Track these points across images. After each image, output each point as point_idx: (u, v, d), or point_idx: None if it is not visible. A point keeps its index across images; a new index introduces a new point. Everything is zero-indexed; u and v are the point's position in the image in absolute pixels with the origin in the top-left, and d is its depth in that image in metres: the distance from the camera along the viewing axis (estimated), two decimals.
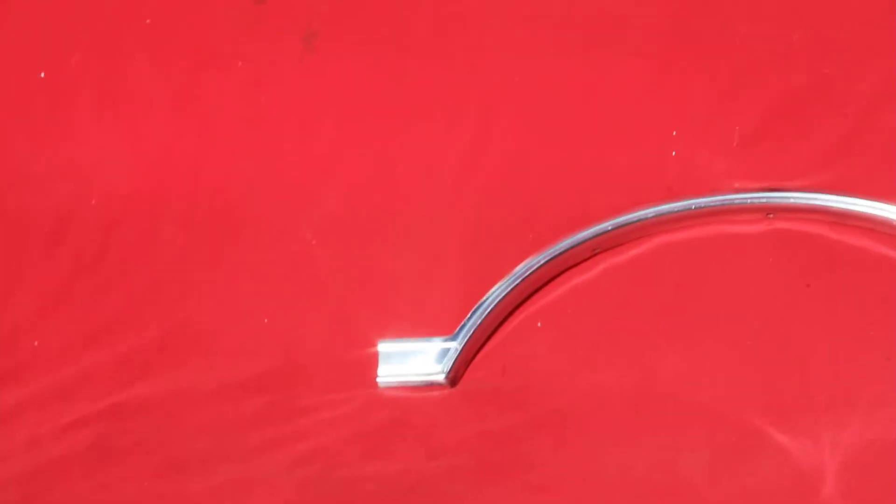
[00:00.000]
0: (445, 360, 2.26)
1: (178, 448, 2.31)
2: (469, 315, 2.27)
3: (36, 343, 2.47)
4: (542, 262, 2.28)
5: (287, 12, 2.57)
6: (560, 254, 2.28)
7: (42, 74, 2.66)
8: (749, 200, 2.29)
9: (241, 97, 2.57)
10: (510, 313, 2.34)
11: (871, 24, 2.45)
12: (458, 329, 2.28)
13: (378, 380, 2.30)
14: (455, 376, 2.28)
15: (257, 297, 2.43)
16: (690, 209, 2.29)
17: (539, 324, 2.32)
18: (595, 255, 2.34)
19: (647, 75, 2.46)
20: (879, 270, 2.28)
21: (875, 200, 2.26)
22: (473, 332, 2.28)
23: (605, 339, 2.30)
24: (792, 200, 2.29)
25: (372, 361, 2.31)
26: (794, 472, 2.17)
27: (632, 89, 2.46)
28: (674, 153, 2.40)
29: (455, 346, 2.26)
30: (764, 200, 2.29)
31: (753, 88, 2.42)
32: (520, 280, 2.27)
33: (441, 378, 2.27)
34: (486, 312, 2.27)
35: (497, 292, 2.27)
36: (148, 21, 2.64)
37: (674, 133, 2.41)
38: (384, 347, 2.31)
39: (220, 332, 2.41)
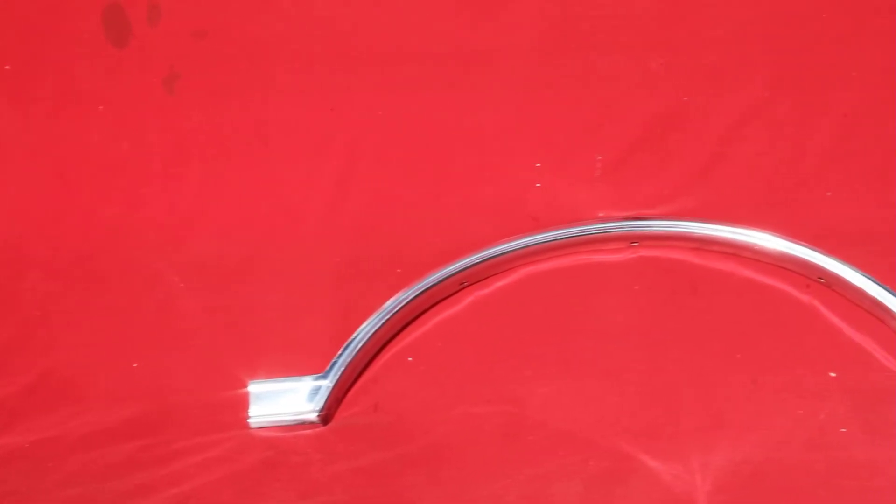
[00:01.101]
0: (317, 398, 2.25)
1: (48, 498, 2.27)
2: (340, 352, 2.27)
3: None
4: (411, 297, 2.28)
5: (148, 55, 2.55)
6: (428, 288, 2.29)
7: None
8: (613, 229, 2.31)
9: (103, 141, 2.55)
10: (381, 349, 2.34)
11: (728, 51, 2.48)
12: (329, 367, 2.27)
13: (250, 420, 2.28)
14: (327, 414, 2.27)
15: (125, 342, 2.40)
16: (555, 240, 2.28)
17: (410, 359, 2.32)
18: (463, 288, 2.35)
19: (510, 108, 2.48)
20: (743, 294, 2.32)
21: (736, 226, 2.27)
22: (344, 369, 2.27)
23: (476, 372, 2.30)
24: (655, 228, 2.32)
25: (243, 402, 2.29)
26: (665, 496, 2.18)
27: (495, 122, 2.48)
28: (538, 185, 2.41)
29: (326, 383, 2.25)
30: (627, 229, 2.32)
31: (614, 119, 2.44)
32: (389, 315, 2.26)
33: (313, 416, 2.26)
34: (357, 349, 2.26)
35: (367, 328, 2.26)
36: (7, 67, 2.59)
37: (537, 165, 2.42)
38: (255, 388, 2.29)
39: (89, 379, 2.38)
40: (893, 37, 2.43)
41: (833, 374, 2.23)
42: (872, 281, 2.21)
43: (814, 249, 2.25)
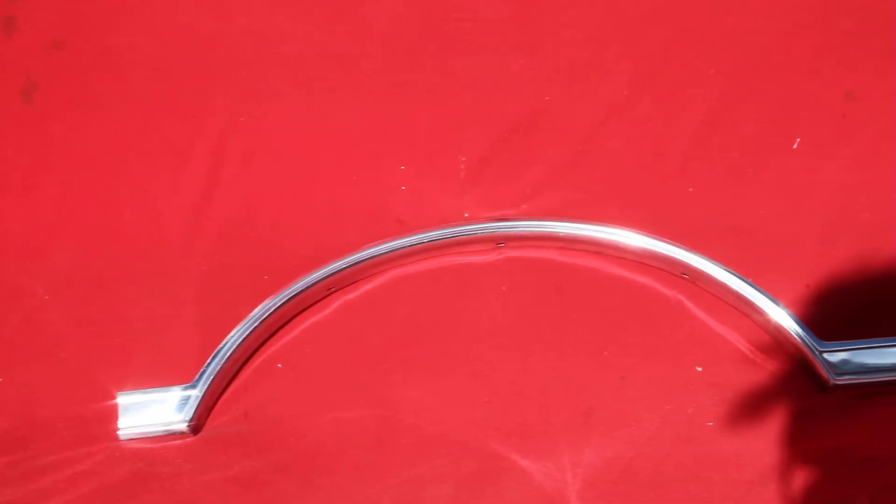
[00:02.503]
0: (187, 407, 2.23)
1: None
2: (208, 361, 2.26)
3: None
4: (279, 303, 2.27)
5: (4, 66, 2.51)
6: (296, 294, 2.28)
7: None
8: (479, 231, 2.32)
9: None
10: (250, 357, 2.33)
11: (588, 52, 2.51)
12: (197, 376, 2.26)
13: (119, 433, 2.26)
14: (197, 424, 2.26)
15: None
16: (422, 242, 2.28)
17: (279, 365, 2.31)
18: (331, 293, 2.35)
19: (372, 112, 2.48)
20: (609, 292, 2.35)
21: (601, 224, 2.29)
22: (214, 378, 2.25)
23: (346, 377, 2.30)
24: (520, 229, 2.33)
25: (112, 414, 2.27)
26: (538, 494, 2.21)
27: (357, 126, 2.47)
28: (403, 188, 2.41)
29: (196, 393, 2.24)
30: (493, 230, 2.33)
31: (477, 120, 2.45)
32: (257, 323, 2.26)
33: (183, 426, 2.24)
34: (226, 357, 2.25)
35: (235, 336, 2.25)
36: None
37: (402, 168, 2.42)
38: (124, 399, 2.27)
39: None
40: (747, 35, 2.46)
41: (699, 369, 2.25)
42: (735, 276, 2.25)
43: (677, 246, 2.28)
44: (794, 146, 2.39)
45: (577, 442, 2.23)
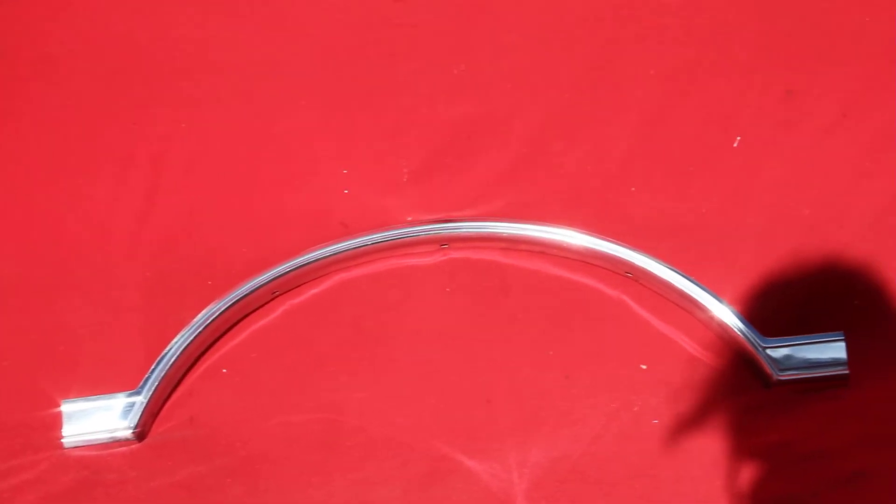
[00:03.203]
0: (131, 414, 2.23)
1: None
2: (153, 367, 2.26)
3: None
4: (223, 308, 2.27)
5: None
6: (240, 299, 2.28)
7: None
8: (422, 232, 2.33)
9: None
10: (194, 362, 2.32)
11: (528, 55, 2.52)
12: (142, 382, 2.26)
13: (63, 440, 2.25)
14: (142, 430, 2.26)
15: None
16: (365, 245, 2.29)
17: (224, 370, 2.30)
18: (275, 297, 2.34)
19: (314, 117, 2.48)
20: (553, 292, 2.35)
21: (544, 224, 2.29)
22: (158, 384, 2.25)
23: (291, 381, 2.31)
24: (464, 230, 2.33)
25: (56, 422, 2.26)
26: (485, 495, 2.22)
27: (299, 131, 2.48)
28: (346, 191, 2.41)
29: (140, 399, 2.23)
30: (436, 231, 2.33)
31: (419, 124, 2.46)
32: (201, 328, 2.25)
33: (128, 433, 2.24)
34: (170, 363, 2.25)
35: (179, 342, 2.25)
36: None
37: (344, 171, 2.42)
38: (68, 407, 2.26)
39: None
40: (687, 35, 2.48)
41: (644, 367, 2.27)
42: (678, 273, 2.25)
43: (621, 244, 2.28)
44: (735, 144, 2.40)
45: (524, 442, 2.24)
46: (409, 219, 2.37)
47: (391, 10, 2.53)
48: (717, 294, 2.25)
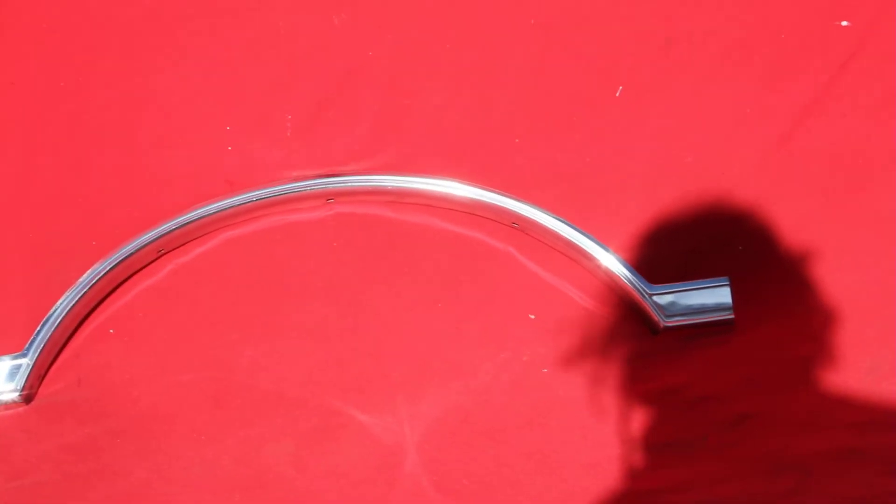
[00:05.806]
0: (18, 377, 2.21)
1: None
2: (38, 329, 2.24)
3: None
4: (108, 268, 2.25)
5: None
6: (125, 258, 2.26)
7: None
8: (308, 188, 2.32)
9: None
10: (80, 323, 2.31)
11: (413, 3, 2.54)
12: (28, 344, 2.23)
13: None
14: (29, 393, 2.24)
15: None
16: (251, 201, 2.27)
17: (111, 331, 2.29)
18: (161, 256, 2.33)
19: (195, 72, 2.48)
20: (440, 244, 2.36)
21: (429, 177, 2.29)
22: (44, 346, 2.24)
23: (180, 340, 2.30)
24: (349, 184, 2.33)
25: None
26: (377, 448, 2.23)
27: (180, 87, 2.47)
28: (230, 148, 2.39)
29: (26, 361, 2.22)
30: (322, 186, 2.33)
31: (301, 77, 2.46)
32: (86, 289, 2.24)
33: (15, 396, 2.22)
34: (56, 324, 2.23)
35: (65, 303, 2.23)
36: None
37: (227, 128, 2.40)
38: None
39: None
40: None
41: (532, 317, 2.28)
42: (564, 222, 2.26)
43: (506, 195, 2.28)
44: (617, 94, 2.41)
45: (415, 394, 2.26)
46: (295, 174, 2.34)
47: None
48: (602, 242, 2.27)
